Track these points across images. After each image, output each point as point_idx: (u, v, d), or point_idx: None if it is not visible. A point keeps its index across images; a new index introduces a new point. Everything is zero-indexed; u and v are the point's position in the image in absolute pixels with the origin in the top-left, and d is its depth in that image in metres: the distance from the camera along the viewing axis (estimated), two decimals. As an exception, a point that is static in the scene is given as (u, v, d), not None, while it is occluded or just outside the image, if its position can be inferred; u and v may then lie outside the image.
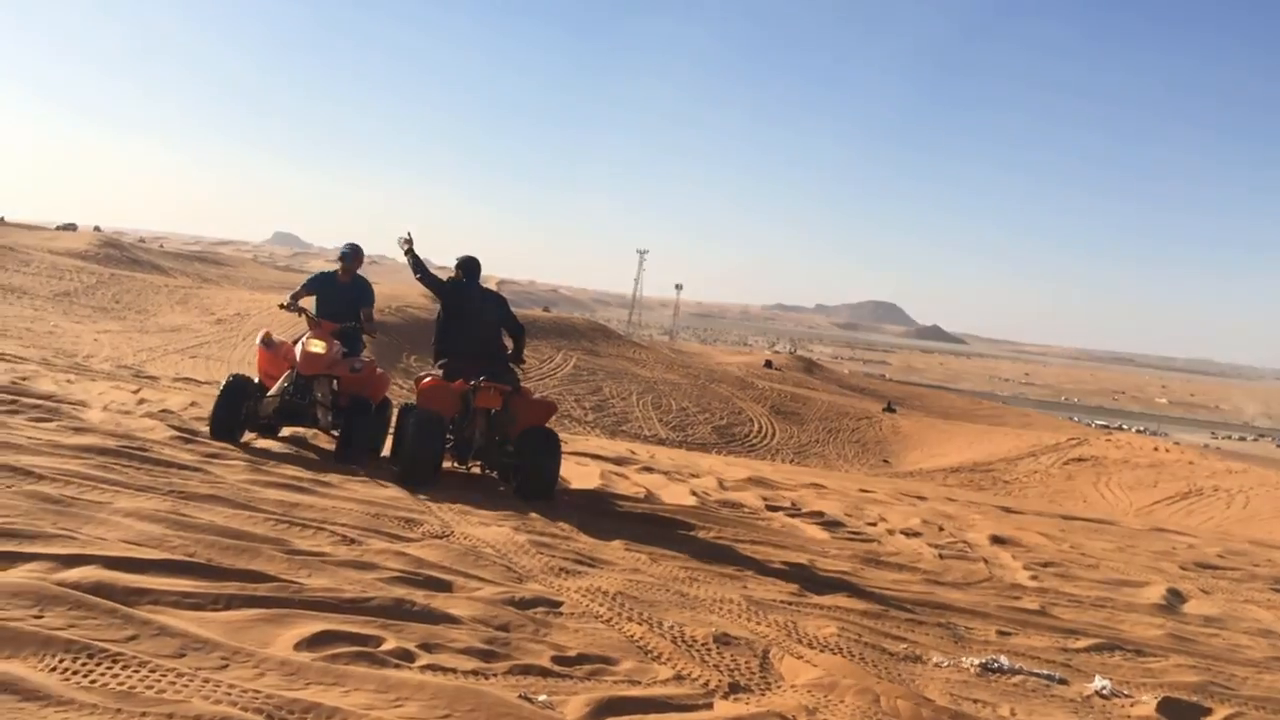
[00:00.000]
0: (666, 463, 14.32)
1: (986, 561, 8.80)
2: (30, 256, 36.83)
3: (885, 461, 32.93)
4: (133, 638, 3.87)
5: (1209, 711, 5.00)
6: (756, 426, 34.90)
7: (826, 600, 6.32)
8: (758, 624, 5.52)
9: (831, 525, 9.68)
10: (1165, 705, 4.95)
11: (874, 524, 10.23)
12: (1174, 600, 8.10)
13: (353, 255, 10.08)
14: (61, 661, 3.59)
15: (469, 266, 9.33)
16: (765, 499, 10.80)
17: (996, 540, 9.99)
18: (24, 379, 10.87)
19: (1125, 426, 77.83)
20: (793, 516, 9.93)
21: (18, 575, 4.32)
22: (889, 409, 42.61)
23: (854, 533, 9.50)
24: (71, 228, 52.72)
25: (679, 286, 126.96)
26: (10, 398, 8.92)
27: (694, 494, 10.40)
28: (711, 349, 77.94)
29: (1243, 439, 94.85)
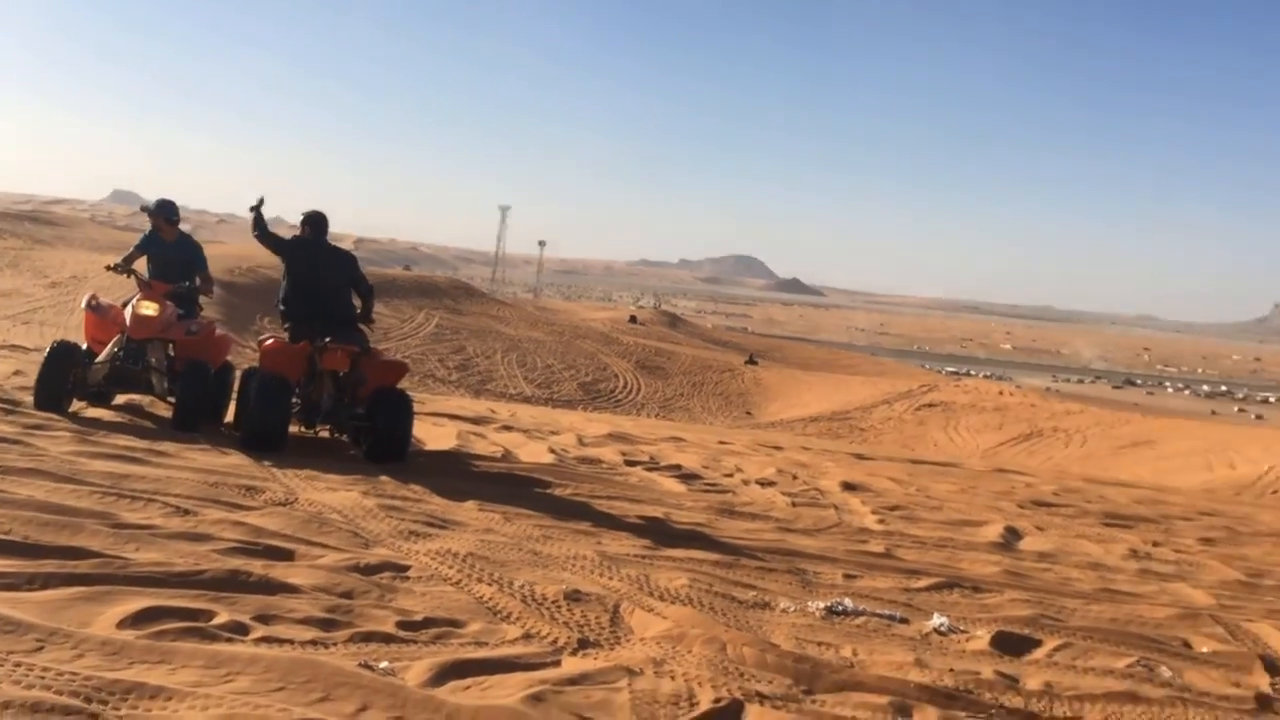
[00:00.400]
0: (527, 421, 14.23)
1: (836, 508, 8.98)
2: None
3: (748, 413, 33.41)
4: (-64, 623, 3.61)
5: (1039, 643, 5.18)
6: (622, 382, 34.97)
7: (679, 553, 6.34)
8: (610, 579, 5.50)
9: (688, 478, 9.75)
10: (998, 639, 5.11)
11: (730, 475, 10.34)
12: (1011, 538, 8.41)
13: (161, 209, 9.50)
14: None
15: (315, 221, 8.97)
16: (624, 454, 10.82)
17: (847, 487, 10.21)
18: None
19: (973, 372, 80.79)
20: (650, 470, 9.96)
21: None
22: (751, 361, 43.25)
23: (710, 484, 9.58)
24: None
25: (542, 243, 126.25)
26: None
27: (552, 451, 10.34)
28: (576, 305, 77.71)
29: (1080, 381, 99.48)
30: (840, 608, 5.38)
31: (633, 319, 54.31)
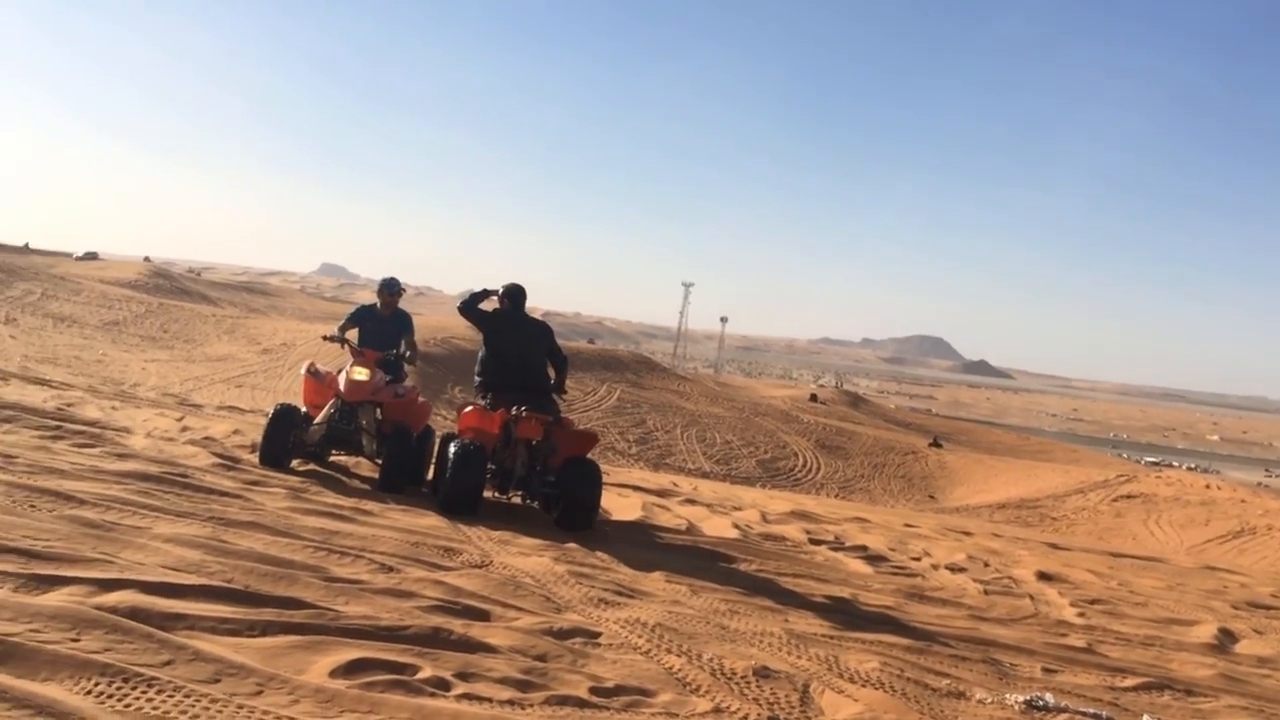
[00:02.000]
0: (709, 495, 14.22)
1: (1032, 598, 8.62)
2: (81, 285, 37.49)
3: (931, 497, 32.50)
4: (168, 663, 3.86)
5: (1265, 755, 4.84)
6: (801, 461, 34.59)
7: (869, 635, 6.20)
8: (798, 658, 5.43)
9: (875, 560, 9.54)
10: (1219, 747, 4.80)
11: (918, 559, 10.07)
12: (1226, 640, 7.88)
13: (390, 288, 10.22)
14: (97, 685, 3.59)
15: (514, 294, 9.32)
16: (808, 532, 10.67)
17: (1043, 576, 9.79)
18: (69, 405, 11.02)
19: (1176, 463, 76.37)
20: (836, 550, 9.80)
21: (56, 599, 4.35)
22: (935, 444, 42.14)
23: (898, 567, 9.35)
24: (93, 256, 53.03)
25: (724, 319, 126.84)
26: (55, 424, 9.04)
27: (736, 527, 10.30)
28: (756, 382, 77.53)
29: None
30: (1041, 703, 5.15)
31: (813, 397, 53.77)
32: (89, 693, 3.53)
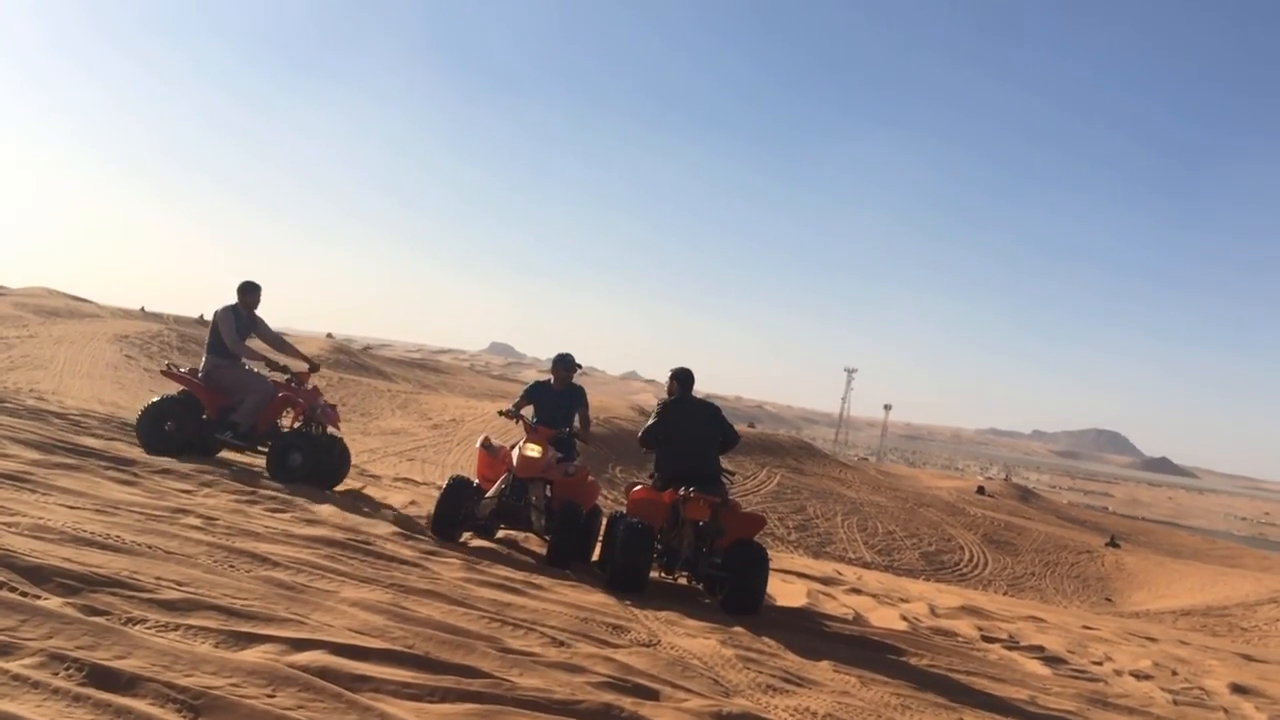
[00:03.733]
0: (875, 585, 13.91)
1: (1226, 711, 8.08)
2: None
3: (1108, 599, 30.91)
4: (355, 723, 4.00)
5: None
6: (967, 555, 33.46)
7: (1050, 740, 5.93)
8: (976, 759, 5.24)
9: (1053, 661, 9.13)
10: None
11: (1099, 663, 9.59)
12: None
13: (565, 364, 10.48)
14: (291, 740, 3.74)
15: (683, 378, 9.49)
16: (980, 629, 10.31)
17: (1237, 689, 9.18)
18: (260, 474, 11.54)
19: (1384, 575, 70.54)
20: (1010, 649, 9.42)
21: (253, 655, 4.56)
22: (1112, 543, 40.17)
23: (1078, 670, 8.92)
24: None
25: (888, 407, 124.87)
26: (250, 489, 9.52)
27: (904, 619, 10.04)
28: (920, 472, 75.62)
29: None
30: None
31: (980, 490, 52.14)
32: (282, 747, 3.68)
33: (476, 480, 9.86)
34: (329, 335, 68.14)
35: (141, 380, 25.76)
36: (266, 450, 11.25)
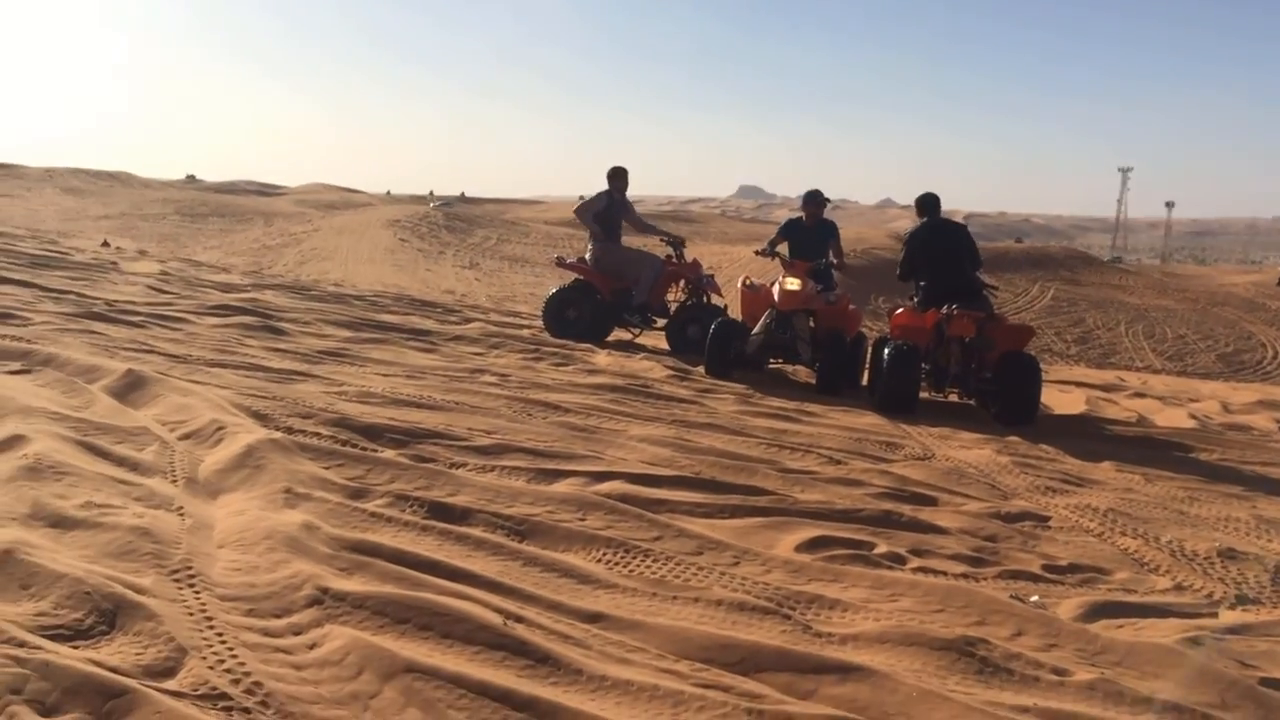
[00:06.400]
0: (1160, 388, 13.43)
1: None
2: (529, 229, 41.04)
3: None
4: (658, 538, 4.46)
5: None
6: (1270, 351, 31.22)
7: (1354, 522, 5.76)
8: (1269, 541, 5.21)
9: (1362, 448, 8.65)
10: None
11: None
12: None
13: (814, 200, 10.58)
14: (604, 555, 4.23)
15: (928, 203, 9.49)
16: (1279, 420, 9.86)
17: None
18: (542, 331, 12.33)
19: None
20: (1314, 439, 8.99)
21: (562, 487, 5.12)
22: None
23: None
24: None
25: (1170, 204, 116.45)
26: (534, 347, 10.26)
27: (1193, 417, 9.72)
28: (1212, 270, 69.98)
29: None
30: None
31: (1282, 281, 48.09)
32: (599, 560, 4.18)
33: (742, 319, 10.21)
34: (580, 197, 69.78)
35: (417, 260, 27.48)
36: (663, 325, 11.98)
